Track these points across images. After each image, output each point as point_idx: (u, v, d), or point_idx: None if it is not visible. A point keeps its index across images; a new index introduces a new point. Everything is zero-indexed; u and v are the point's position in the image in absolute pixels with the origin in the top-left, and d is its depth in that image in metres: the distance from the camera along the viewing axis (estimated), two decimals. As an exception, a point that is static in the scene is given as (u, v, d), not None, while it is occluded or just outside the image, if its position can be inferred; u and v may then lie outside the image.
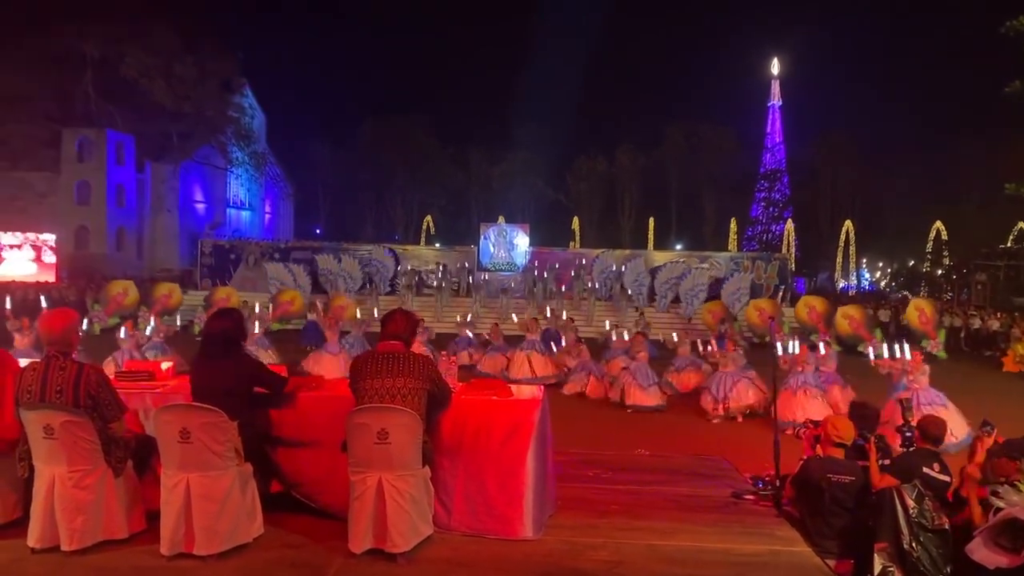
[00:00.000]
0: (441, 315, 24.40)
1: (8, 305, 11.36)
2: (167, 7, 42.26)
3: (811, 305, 23.50)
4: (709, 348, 12.87)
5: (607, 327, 17.14)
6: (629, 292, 27.75)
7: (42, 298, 13.28)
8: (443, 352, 11.52)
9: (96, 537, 4.31)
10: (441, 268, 30.16)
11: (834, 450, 5.15)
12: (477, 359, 14.69)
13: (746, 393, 10.92)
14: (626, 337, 14.00)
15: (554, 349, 14.73)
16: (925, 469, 4.78)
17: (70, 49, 40.19)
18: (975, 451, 5.05)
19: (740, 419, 10.79)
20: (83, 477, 4.26)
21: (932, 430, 5.08)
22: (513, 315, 19.73)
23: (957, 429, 8.63)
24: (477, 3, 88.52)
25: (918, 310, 21.77)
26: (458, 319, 17.51)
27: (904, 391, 9.31)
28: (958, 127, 51.59)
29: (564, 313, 18.93)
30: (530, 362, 13.84)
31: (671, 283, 28.21)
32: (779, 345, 11.14)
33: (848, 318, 21.77)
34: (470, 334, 15.85)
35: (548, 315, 18.75)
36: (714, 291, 28.14)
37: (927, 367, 9.56)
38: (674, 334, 14.73)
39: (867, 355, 10.57)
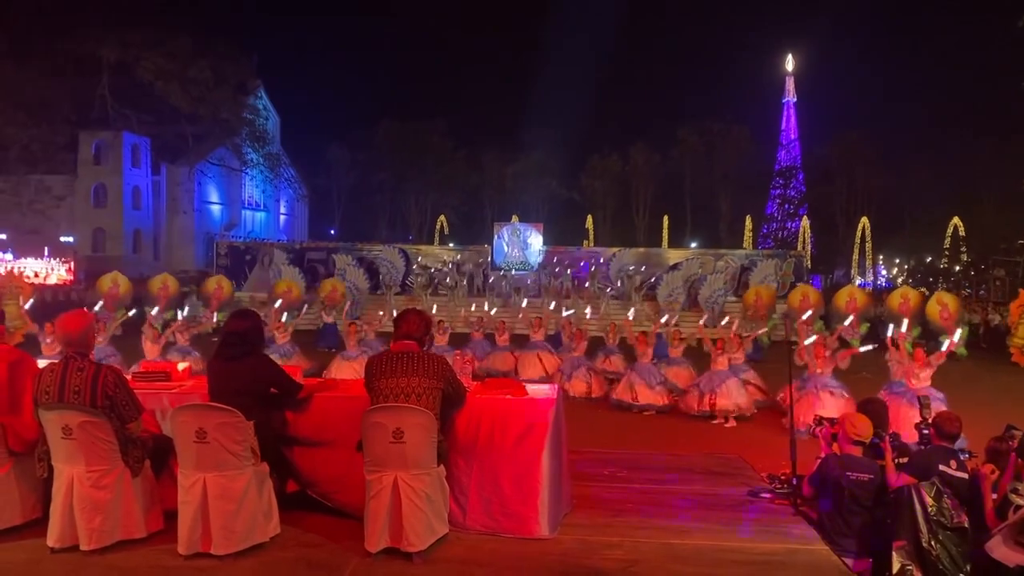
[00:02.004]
0: (455, 314, 24.37)
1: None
2: (182, 11, 42.66)
3: (852, 294, 23.08)
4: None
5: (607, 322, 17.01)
6: (664, 308, 27.22)
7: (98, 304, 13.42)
8: (457, 351, 11.51)
9: (114, 537, 4.34)
10: (455, 267, 30.18)
11: (852, 448, 5.11)
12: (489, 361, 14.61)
13: (733, 393, 10.76)
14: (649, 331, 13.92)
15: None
16: (942, 467, 4.74)
17: (87, 54, 40.54)
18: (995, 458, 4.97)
19: (731, 421, 10.58)
20: (101, 477, 4.29)
21: (947, 427, 5.01)
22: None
23: None
24: (491, 4, 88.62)
25: (940, 304, 20.99)
26: (472, 320, 17.46)
27: (901, 388, 9.24)
28: (975, 122, 51.19)
29: (563, 310, 18.84)
30: (541, 361, 13.83)
31: (689, 281, 28.17)
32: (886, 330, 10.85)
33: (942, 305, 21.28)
34: (483, 335, 15.69)
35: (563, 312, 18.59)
36: (743, 280, 28.46)
37: (929, 368, 9.37)
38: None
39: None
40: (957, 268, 47.70)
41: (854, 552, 4.78)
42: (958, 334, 10.60)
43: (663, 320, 14.84)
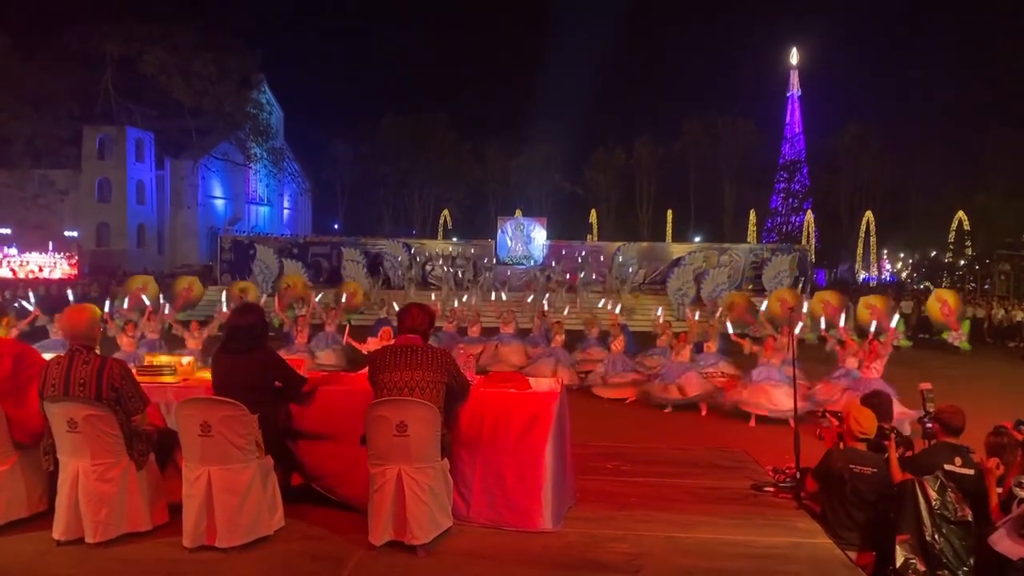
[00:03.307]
0: (447, 308, 24.17)
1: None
2: (185, 5, 42.66)
3: (825, 300, 23.02)
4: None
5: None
6: (673, 301, 27.00)
7: (68, 292, 13.32)
8: (460, 345, 11.44)
9: (120, 529, 4.36)
10: (450, 261, 30.10)
11: (857, 444, 5.10)
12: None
13: (694, 384, 10.60)
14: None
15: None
16: (947, 466, 4.70)
17: (90, 48, 40.53)
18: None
19: (669, 409, 10.48)
20: (106, 470, 4.31)
21: (954, 422, 4.96)
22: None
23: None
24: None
25: (940, 301, 20.97)
26: (446, 314, 17.16)
27: (849, 378, 9.22)
28: (981, 116, 50.98)
29: (545, 304, 18.66)
30: (497, 350, 13.57)
31: (694, 275, 28.12)
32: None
33: (871, 308, 21.36)
34: (456, 328, 15.29)
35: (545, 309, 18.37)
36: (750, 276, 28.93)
37: (881, 358, 9.34)
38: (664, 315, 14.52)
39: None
40: (962, 262, 47.55)
41: (857, 545, 4.78)
42: (947, 334, 10.56)
43: (618, 311, 14.82)
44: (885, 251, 58.48)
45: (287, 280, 24.58)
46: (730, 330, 11.03)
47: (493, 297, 22.17)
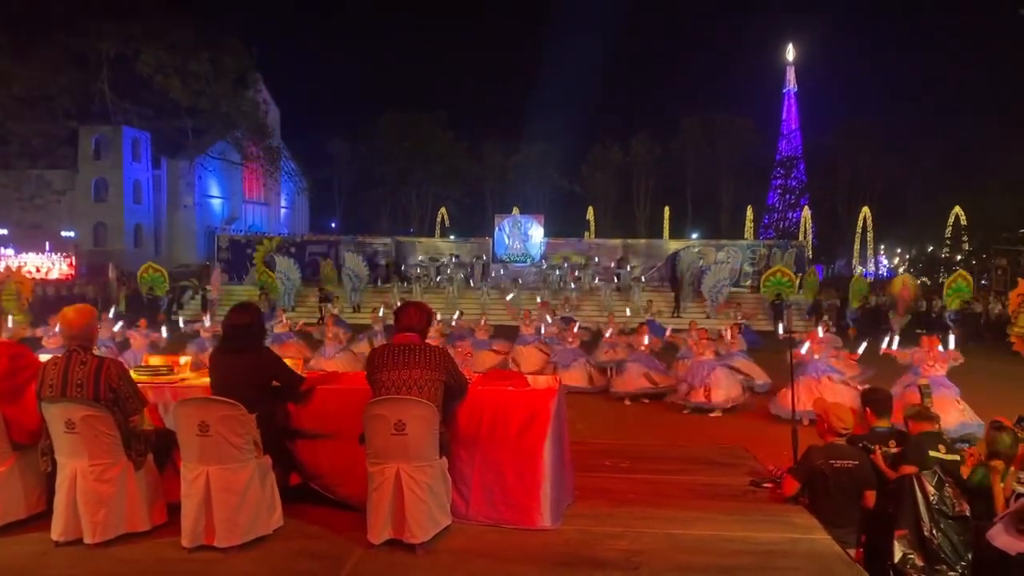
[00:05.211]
0: (454, 307, 24.24)
1: None
2: (182, 4, 42.50)
3: (905, 283, 23.31)
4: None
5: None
6: (707, 297, 26.97)
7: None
8: (459, 343, 11.41)
9: (118, 530, 4.35)
10: (454, 260, 30.17)
11: (837, 439, 5.10)
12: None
13: (723, 384, 10.60)
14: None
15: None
16: (932, 452, 4.77)
17: (86, 47, 40.43)
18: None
19: (719, 413, 10.48)
20: (105, 471, 4.30)
21: (928, 412, 5.11)
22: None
23: (953, 418, 8.55)
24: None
25: (903, 284, 21.36)
26: (455, 316, 16.96)
27: (919, 377, 9.24)
28: (978, 111, 51.02)
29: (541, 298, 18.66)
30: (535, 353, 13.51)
31: (693, 271, 28.12)
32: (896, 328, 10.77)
33: (905, 285, 21.58)
34: (472, 329, 15.13)
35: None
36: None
37: (942, 356, 9.35)
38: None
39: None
40: (959, 257, 47.52)
41: (853, 542, 4.78)
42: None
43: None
44: (882, 246, 58.51)
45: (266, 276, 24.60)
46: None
47: (510, 298, 22.26)
